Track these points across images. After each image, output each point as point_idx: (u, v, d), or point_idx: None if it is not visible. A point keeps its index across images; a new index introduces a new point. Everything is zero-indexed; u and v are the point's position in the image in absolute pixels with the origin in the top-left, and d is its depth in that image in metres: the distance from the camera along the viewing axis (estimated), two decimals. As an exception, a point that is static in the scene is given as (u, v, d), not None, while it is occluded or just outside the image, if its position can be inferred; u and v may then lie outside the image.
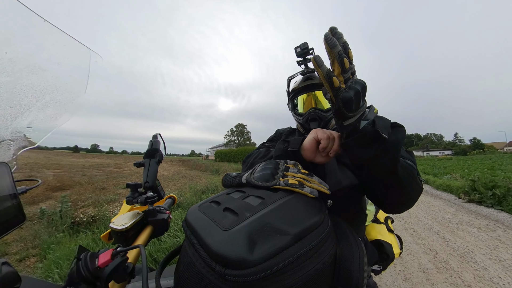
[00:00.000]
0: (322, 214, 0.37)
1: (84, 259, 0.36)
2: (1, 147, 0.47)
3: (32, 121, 0.53)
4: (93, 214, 4.29)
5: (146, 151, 0.72)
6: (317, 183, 0.46)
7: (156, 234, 0.68)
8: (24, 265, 2.79)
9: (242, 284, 0.27)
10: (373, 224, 1.12)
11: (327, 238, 0.34)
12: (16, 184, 0.42)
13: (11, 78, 0.42)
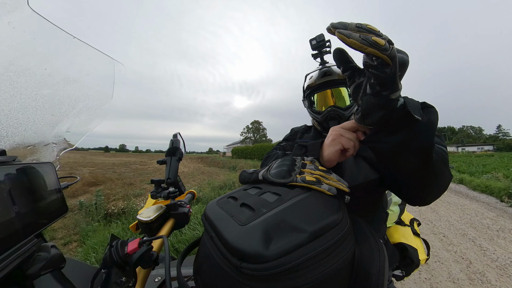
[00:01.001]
0: (340, 212, 0.35)
1: (115, 246, 0.40)
2: (46, 149, 0.56)
3: (70, 126, 0.61)
4: (123, 206, 4.71)
5: (168, 149, 0.77)
6: (336, 181, 0.45)
7: (177, 226, 0.72)
8: (67, 248, 3.22)
9: (257, 278, 0.28)
10: (397, 226, 1.04)
11: (345, 238, 0.33)
12: (59, 180, 0.48)
13: (51, 90, 0.49)
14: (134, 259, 0.40)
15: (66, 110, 0.56)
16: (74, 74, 0.53)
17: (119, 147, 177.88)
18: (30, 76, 0.44)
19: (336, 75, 0.89)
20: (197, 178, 10.42)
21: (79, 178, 0.73)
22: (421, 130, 0.40)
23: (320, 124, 0.93)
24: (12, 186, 0.30)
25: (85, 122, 0.65)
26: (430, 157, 0.44)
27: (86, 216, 4.35)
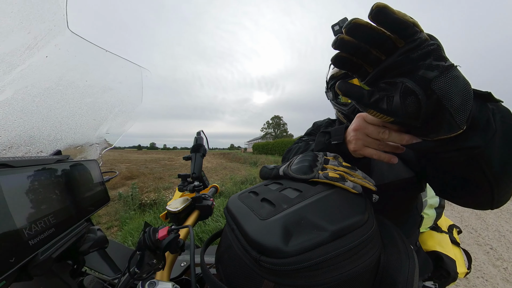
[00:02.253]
0: (366, 213, 0.33)
1: (148, 232, 0.44)
2: (91, 149, 0.65)
3: (108, 128, 0.70)
4: (154, 198, 5.17)
5: (192, 146, 0.81)
6: (361, 178, 0.42)
7: (201, 218, 0.75)
8: (109, 232, 3.67)
9: (275, 272, 0.28)
10: (431, 232, 0.93)
11: (369, 240, 0.31)
12: (102, 175, 0.55)
13: (92, 99, 0.57)
14: (164, 245, 0.43)
15: (105, 115, 0.65)
16: (109, 83, 0.61)
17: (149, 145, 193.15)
18: (75, 88, 0.52)
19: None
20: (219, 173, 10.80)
21: (118, 173, 0.83)
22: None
23: (346, 117, 0.85)
24: (67, 179, 0.36)
25: (121, 124, 0.73)
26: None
27: (124, 205, 4.91)
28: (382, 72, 0.31)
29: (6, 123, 0.41)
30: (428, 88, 0.27)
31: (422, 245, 0.87)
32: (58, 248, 0.28)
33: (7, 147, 0.42)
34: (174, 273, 0.62)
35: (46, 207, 0.29)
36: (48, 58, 0.42)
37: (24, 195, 0.26)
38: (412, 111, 0.29)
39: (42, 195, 0.29)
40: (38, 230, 0.26)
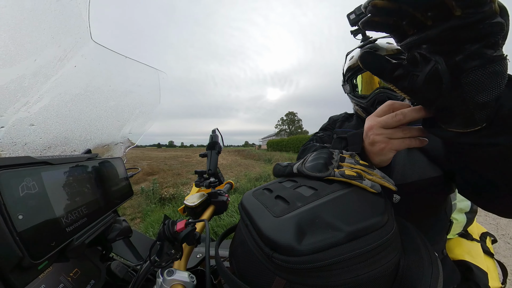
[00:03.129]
0: (385, 214, 0.31)
1: (167, 224, 0.46)
2: (116, 147, 0.71)
3: (131, 128, 0.75)
4: (173, 193, 5.44)
5: (208, 144, 0.83)
6: (380, 177, 0.39)
7: (217, 213, 0.78)
8: (133, 223, 3.92)
9: (287, 270, 0.28)
10: (460, 239, 0.84)
11: (388, 244, 0.29)
12: (126, 171, 0.59)
13: (115, 102, 0.62)
14: (181, 236, 0.45)
15: (127, 116, 0.70)
16: (129, 87, 0.66)
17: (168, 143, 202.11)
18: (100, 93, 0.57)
19: (384, 51, 0.74)
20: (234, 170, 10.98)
21: (140, 169, 0.89)
22: None
23: (365, 110, 0.80)
24: (97, 175, 0.40)
25: (141, 124, 0.78)
26: None
27: (146, 199, 5.24)
28: (423, 40, 0.25)
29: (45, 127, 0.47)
30: (457, 79, 0.23)
31: (449, 253, 0.78)
32: (90, 235, 0.32)
33: (47, 147, 0.48)
34: (190, 264, 0.66)
35: (79, 199, 0.32)
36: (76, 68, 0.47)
37: (62, 189, 0.30)
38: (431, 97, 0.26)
39: (76, 188, 0.33)
40: (73, 219, 0.30)
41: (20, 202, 0.23)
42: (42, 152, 0.47)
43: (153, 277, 0.53)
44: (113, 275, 0.50)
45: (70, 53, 0.43)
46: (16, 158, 0.25)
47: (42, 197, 0.26)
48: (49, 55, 0.41)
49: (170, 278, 0.42)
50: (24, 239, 0.22)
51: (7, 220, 0.21)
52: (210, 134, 0.83)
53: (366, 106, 0.77)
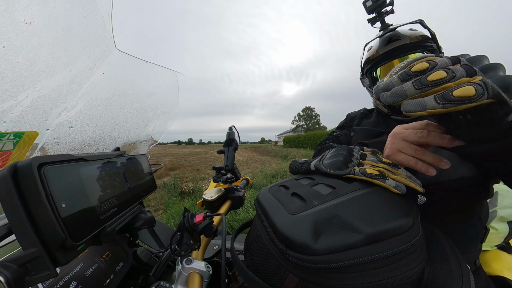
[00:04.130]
0: (410, 217, 0.29)
1: (187, 216, 0.49)
2: (141, 145, 0.78)
3: (153, 127, 0.80)
4: (192, 187, 5.71)
5: (225, 140, 0.84)
6: (405, 177, 0.36)
7: (233, 207, 0.80)
8: (156, 214, 4.21)
9: (301, 268, 0.28)
10: (500, 252, 0.74)
11: (412, 250, 0.27)
12: (150, 166, 0.64)
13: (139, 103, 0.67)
14: (199, 228, 0.47)
15: (150, 116, 0.75)
16: (151, 89, 0.70)
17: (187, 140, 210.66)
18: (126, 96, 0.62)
19: (406, 39, 0.66)
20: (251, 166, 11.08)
21: (162, 165, 0.95)
22: None
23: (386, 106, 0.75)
24: (125, 170, 0.44)
25: (163, 123, 0.83)
26: None
27: (168, 192, 5.58)
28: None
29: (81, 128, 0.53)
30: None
31: (485, 267, 0.69)
32: (120, 223, 0.35)
33: (83, 146, 0.54)
34: (207, 254, 0.69)
35: (110, 191, 0.36)
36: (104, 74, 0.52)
37: (96, 182, 0.33)
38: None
39: (107, 182, 0.36)
40: (106, 208, 0.33)
41: (63, 193, 0.26)
42: (79, 150, 0.54)
43: (173, 264, 0.57)
44: (138, 259, 0.56)
45: (98, 62, 0.48)
46: (58, 155, 0.29)
47: (80, 189, 0.30)
48: (81, 65, 0.46)
49: (189, 266, 0.45)
50: (67, 224, 0.25)
51: (53, 207, 0.25)
52: (227, 131, 0.85)
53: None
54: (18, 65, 0.35)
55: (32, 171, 0.24)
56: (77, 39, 0.43)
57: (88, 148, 0.56)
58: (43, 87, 0.40)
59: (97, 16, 0.43)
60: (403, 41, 0.66)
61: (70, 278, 0.40)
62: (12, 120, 0.38)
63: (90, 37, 0.44)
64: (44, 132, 0.45)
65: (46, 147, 0.46)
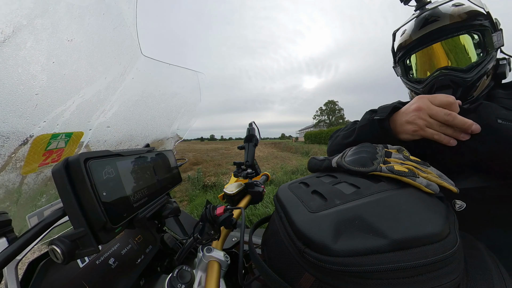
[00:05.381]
0: (446, 225, 0.26)
1: (209, 208, 0.51)
2: (168, 141, 0.84)
3: (178, 125, 0.86)
4: (214, 181, 5.98)
5: (245, 136, 0.85)
6: (436, 176, 0.33)
7: (252, 202, 0.81)
8: (181, 204, 4.53)
9: (318, 268, 0.27)
10: None
11: (447, 263, 0.24)
12: (176, 161, 0.69)
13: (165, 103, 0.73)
14: (220, 220, 0.49)
15: (175, 115, 0.81)
16: (175, 89, 0.75)
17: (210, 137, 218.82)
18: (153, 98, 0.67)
19: (446, 19, 0.57)
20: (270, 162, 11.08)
21: (187, 160, 1.01)
22: None
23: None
24: (154, 164, 0.48)
25: (187, 121, 0.89)
26: None
27: (192, 185, 5.95)
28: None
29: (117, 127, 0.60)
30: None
31: None
32: (150, 211, 0.39)
33: (119, 143, 0.62)
34: (226, 245, 0.72)
35: (142, 183, 0.41)
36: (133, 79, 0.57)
37: (130, 174, 0.38)
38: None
39: (139, 174, 0.41)
40: (138, 198, 0.37)
41: (103, 183, 0.30)
42: (116, 147, 0.61)
43: (195, 251, 0.61)
44: (165, 244, 0.61)
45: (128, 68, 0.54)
46: (99, 151, 0.33)
47: (117, 180, 0.34)
48: (114, 72, 0.51)
49: (209, 254, 0.48)
50: (107, 209, 0.29)
51: (96, 195, 0.29)
52: (247, 128, 0.85)
53: (423, 92, 0.62)
54: (65, 77, 0.41)
55: (80, 164, 0.28)
56: (109, 50, 0.48)
57: (123, 144, 0.64)
58: (85, 94, 0.47)
59: (124, 27, 0.47)
60: (442, 22, 0.56)
61: (109, 255, 0.46)
62: (63, 123, 0.45)
63: (120, 47, 0.49)
64: (88, 132, 0.53)
65: (90, 144, 0.54)
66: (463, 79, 0.54)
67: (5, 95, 0.34)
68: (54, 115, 0.42)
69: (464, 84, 0.54)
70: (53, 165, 0.35)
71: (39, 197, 0.48)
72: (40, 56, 0.36)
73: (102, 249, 0.45)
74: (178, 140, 0.91)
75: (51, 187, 0.50)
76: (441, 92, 0.57)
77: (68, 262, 0.27)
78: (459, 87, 0.55)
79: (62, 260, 0.26)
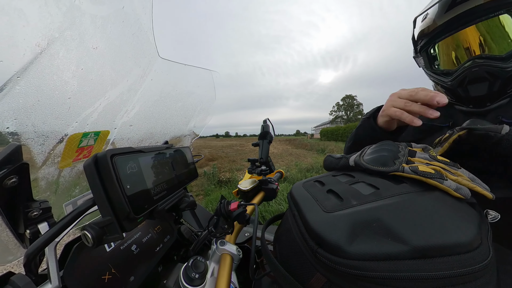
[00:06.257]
0: (477, 234, 0.23)
1: (223, 203, 0.53)
2: (185, 139, 0.88)
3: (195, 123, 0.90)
4: (228, 177, 6.11)
5: (260, 133, 0.86)
6: (468, 179, 0.30)
7: (266, 199, 0.83)
8: (197, 198, 4.72)
9: (331, 269, 0.26)
10: None
11: (476, 277, 0.22)
12: (193, 157, 0.72)
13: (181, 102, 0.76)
14: (234, 215, 0.51)
15: (191, 113, 0.84)
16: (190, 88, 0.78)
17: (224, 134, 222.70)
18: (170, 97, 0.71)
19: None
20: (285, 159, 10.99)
21: (203, 156, 1.04)
22: None
23: (450, 92, 0.57)
24: (172, 160, 0.50)
25: (203, 119, 0.92)
26: None
27: (207, 180, 6.15)
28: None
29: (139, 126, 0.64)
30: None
31: None
32: (168, 204, 0.42)
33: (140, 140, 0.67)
34: (239, 240, 0.74)
35: (161, 177, 0.43)
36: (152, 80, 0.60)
37: (150, 169, 0.40)
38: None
39: (159, 169, 0.43)
40: (158, 191, 0.40)
41: (127, 177, 0.33)
42: (137, 144, 0.66)
43: (209, 243, 0.64)
44: (181, 235, 0.65)
45: (147, 70, 0.57)
46: (123, 148, 0.36)
47: (139, 174, 0.36)
48: (135, 75, 0.55)
49: (222, 247, 0.50)
50: (130, 201, 0.32)
51: (121, 188, 0.31)
52: (262, 124, 0.86)
53: (452, 86, 0.54)
54: (92, 82, 0.45)
55: (107, 160, 0.31)
56: (130, 54, 0.52)
57: (144, 142, 0.69)
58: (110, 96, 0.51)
59: (142, 32, 0.50)
60: (476, 2, 0.47)
61: (132, 242, 0.50)
62: (92, 123, 0.50)
63: (139, 51, 0.53)
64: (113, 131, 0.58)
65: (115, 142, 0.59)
66: (502, 69, 0.46)
67: (44, 99, 0.38)
68: (84, 116, 0.47)
69: (503, 75, 0.46)
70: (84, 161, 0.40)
71: (73, 188, 0.54)
72: (70, 64, 0.40)
73: (125, 236, 0.49)
74: (194, 137, 0.94)
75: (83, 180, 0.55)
76: (474, 86, 0.49)
77: (97, 246, 0.30)
78: (497, 79, 0.47)
79: (92, 244, 0.29)
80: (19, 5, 0.30)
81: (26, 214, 0.36)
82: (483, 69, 0.48)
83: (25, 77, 0.34)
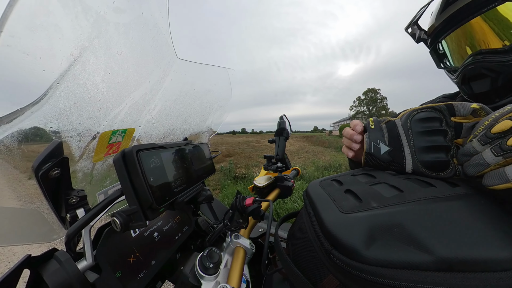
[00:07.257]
0: None
1: (239, 198, 0.55)
2: (203, 135, 0.92)
3: (212, 120, 0.92)
4: (245, 172, 6.24)
5: (276, 130, 0.86)
6: None
7: (281, 196, 0.83)
8: (214, 192, 4.89)
9: (345, 272, 0.25)
10: None
11: None
12: (210, 153, 0.75)
13: (199, 100, 0.79)
14: (248, 210, 0.53)
15: (208, 111, 0.87)
16: (208, 86, 0.81)
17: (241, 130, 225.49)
18: (189, 96, 0.74)
19: None
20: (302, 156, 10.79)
21: (220, 152, 1.07)
22: None
23: (460, 89, 0.56)
24: (191, 155, 0.53)
25: (220, 116, 0.95)
26: None
27: (224, 175, 6.33)
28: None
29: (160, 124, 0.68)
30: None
31: None
32: (187, 196, 0.45)
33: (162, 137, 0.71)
34: (253, 234, 0.76)
35: (181, 171, 0.46)
36: (172, 80, 0.64)
37: (171, 164, 0.43)
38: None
39: (179, 164, 0.46)
40: (178, 184, 0.43)
41: (151, 171, 0.36)
42: (160, 140, 0.70)
43: (224, 236, 0.66)
44: (198, 226, 0.68)
45: (166, 71, 0.60)
46: (147, 144, 0.39)
47: (161, 168, 0.39)
48: (156, 76, 0.59)
49: (236, 240, 0.52)
50: (153, 192, 0.35)
51: (145, 180, 0.34)
52: (278, 121, 0.85)
53: (457, 83, 0.53)
54: (118, 84, 0.50)
55: (133, 155, 0.34)
56: (150, 57, 0.55)
57: (166, 138, 0.73)
58: (134, 97, 0.55)
59: (160, 35, 0.53)
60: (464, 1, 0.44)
61: (154, 230, 0.54)
62: (119, 121, 0.54)
63: (158, 53, 0.56)
64: (138, 128, 0.62)
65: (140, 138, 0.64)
66: (504, 63, 0.42)
67: (79, 102, 0.43)
68: (113, 116, 0.52)
69: (505, 70, 0.42)
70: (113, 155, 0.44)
71: (105, 179, 0.60)
72: (99, 69, 0.44)
73: (149, 224, 0.54)
74: (212, 133, 0.97)
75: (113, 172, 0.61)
76: (476, 82, 0.47)
77: (125, 231, 0.34)
78: (499, 74, 0.43)
79: (120, 229, 0.33)
80: (55, 21, 0.34)
81: (67, 201, 0.41)
82: (479, 66, 0.46)
83: (63, 83, 0.38)
